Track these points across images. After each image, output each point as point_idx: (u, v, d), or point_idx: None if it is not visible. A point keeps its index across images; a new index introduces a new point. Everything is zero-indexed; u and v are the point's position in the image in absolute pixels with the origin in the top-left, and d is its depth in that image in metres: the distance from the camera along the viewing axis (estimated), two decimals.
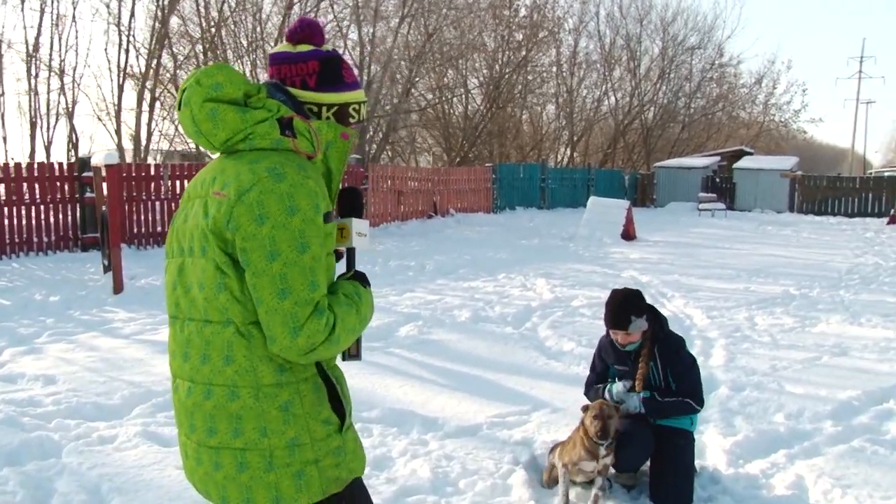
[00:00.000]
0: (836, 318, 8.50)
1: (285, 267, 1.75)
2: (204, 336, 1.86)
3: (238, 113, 1.85)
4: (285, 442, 1.83)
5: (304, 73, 1.96)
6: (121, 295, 8.91)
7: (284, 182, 1.77)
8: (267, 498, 1.85)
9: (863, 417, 5.09)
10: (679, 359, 3.93)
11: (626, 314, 3.81)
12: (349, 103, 2.03)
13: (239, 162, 1.84)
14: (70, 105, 22.95)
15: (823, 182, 26.20)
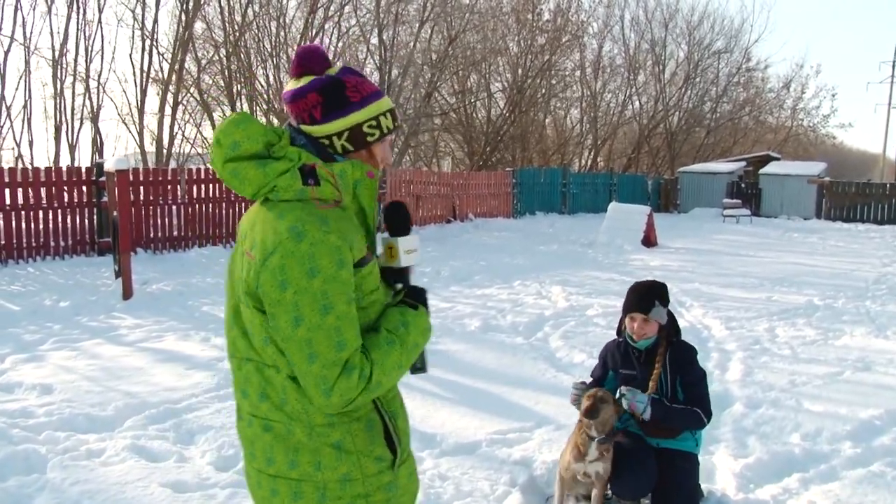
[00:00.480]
0: (861, 331, 8.21)
1: (310, 332, 1.76)
2: (264, 376, 1.90)
3: (259, 168, 1.84)
4: (338, 476, 1.89)
5: (308, 108, 1.91)
6: (130, 301, 8.85)
7: (304, 242, 1.76)
8: None
9: (884, 438, 4.85)
10: (691, 368, 3.75)
11: (651, 297, 3.67)
12: (361, 123, 1.93)
13: (267, 216, 1.85)
14: (95, 109, 23.09)
15: (852, 188, 25.66)
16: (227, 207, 13.88)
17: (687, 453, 3.74)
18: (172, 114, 23.49)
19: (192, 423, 4.81)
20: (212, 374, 5.88)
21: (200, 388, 5.53)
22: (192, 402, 5.20)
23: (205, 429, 4.70)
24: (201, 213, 13.59)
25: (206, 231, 13.62)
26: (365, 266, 1.87)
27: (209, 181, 13.79)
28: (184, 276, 10.64)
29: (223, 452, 4.32)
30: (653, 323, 3.67)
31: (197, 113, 25.94)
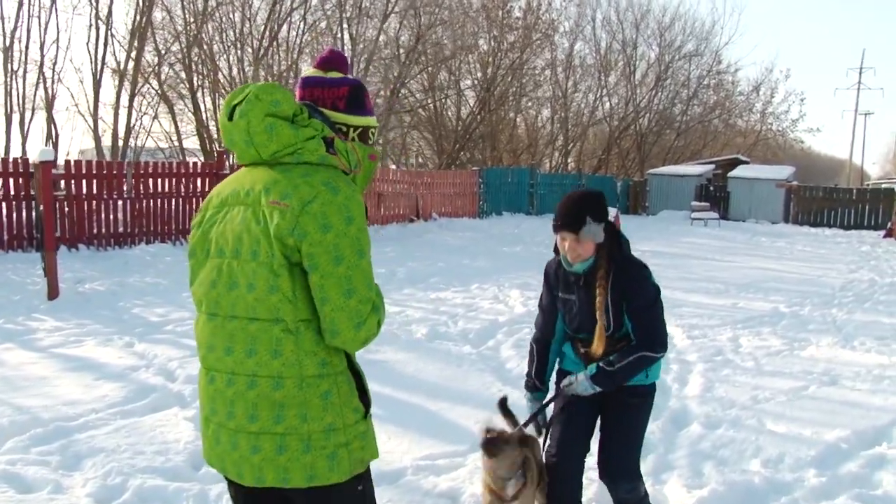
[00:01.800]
0: (828, 341, 7.84)
1: (349, 270, 1.95)
2: (250, 332, 2.01)
3: (292, 129, 2.04)
4: (323, 427, 2.02)
5: (335, 97, 2.17)
6: (56, 301, 8.25)
7: (340, 195, 1.98)
8: (302, 477, 2.03)
9: (851, 465, 4.42)
10: (639, 290, 3.12)
11: (581, 213, 3.05)
12: (369, 127, 2.24)
13: (289, 174, 2.01)
14: (49, 99, 22.21)
15: (819, 193, 25.57)
16: (175, 203, 13.24)
17: (635, 387, 3.21)
18: (129, 105, 22.73)
19: (82, 444, 4.25)
20: (121, 386, 5.32)
21: (104, 403, 4.98)
22: (89, 420, 4.65)
23: (95, 451, 4.15)
24: (148, 208, 12.95)
25: (153, 227, 12.98)
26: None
27: (157, 175, 13.16)
28: (123, 274, 10.03)
29: (109, 481, 3.78)
30: (587, 243, 3.08)
31: (156, 105, 25.16)
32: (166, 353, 6.29)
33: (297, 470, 2.01)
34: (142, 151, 24.87)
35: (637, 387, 3.20)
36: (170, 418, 4.77)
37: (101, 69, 22.31)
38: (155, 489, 3.72)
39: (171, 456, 4.14)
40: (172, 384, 5.49)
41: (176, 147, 26.10)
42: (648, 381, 3.24)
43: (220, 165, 13.79)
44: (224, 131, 2.11)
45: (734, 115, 39.38)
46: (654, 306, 3.13)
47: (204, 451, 2.22)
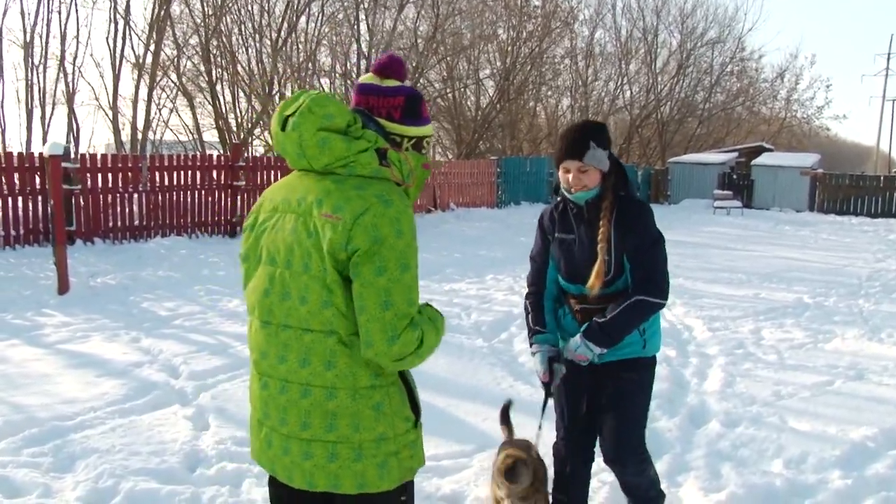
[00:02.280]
0: (853, 333, 7.58)
1: (390, 283, 1.94)
2: (304, 343, 2.03)
3: (345, 143, 2.02)
4: (374, 436, 2.06)
5: (391, 106, 2.14)
6: (66, 296, 8.17)
7: (393, 208, 1.97)
8: (352, 484, 2.07)
9: (878, 466, 4.20)
10: (641, 229, 2.90)
11: (584, 139, 2.85)
12: (424, 137, 2.22)
13: (342, 186, 2.01)
14: (69, 93, 22.24)
15: (846, 180, 25.01)
16: (190, 196, 13.15)
17: (632, 360, 3.00)
18: (148, 99, 22.72)
19: (76, 445, 4.14)
20: (122, 383, 5.21)
21: (104, 401, 4.86)
22: (86, 419, 4.53)
23: (89, 452, 4.03)
24: (164, 201, 12.87)
25: (168, 220, 12.88)
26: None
27: (172, 168, 13.06)
28: (136, 268, 9.94)
29: (100, 483, 3.65)
30: (592, 172, 2.87)
31: (176, 98, 25.15)
32: (172, 348, 6.18)
33: (348, 477, 2.06)
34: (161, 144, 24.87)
35: (633, 360, 2.99)
36: (168, 417, 4.64)
37: (120, 63, 22.33)
38: (147, 492, 3.59)
39: (167, 457, 4.01)
40: (175, 381, 5.37)
41: (196, 140, 26.07)
42: (647, 353, 3.02)
43: (235, 158, 13.68)
44: (276, 140, 2.11)
45: (758, 102, 38.66)
46: (655, 248, 2.91)
47: (253, 451, 2.27)
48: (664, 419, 4.90)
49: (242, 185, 13.42)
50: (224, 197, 13.40)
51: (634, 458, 3.04)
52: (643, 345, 2.98)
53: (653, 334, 3.02)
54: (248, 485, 3.72)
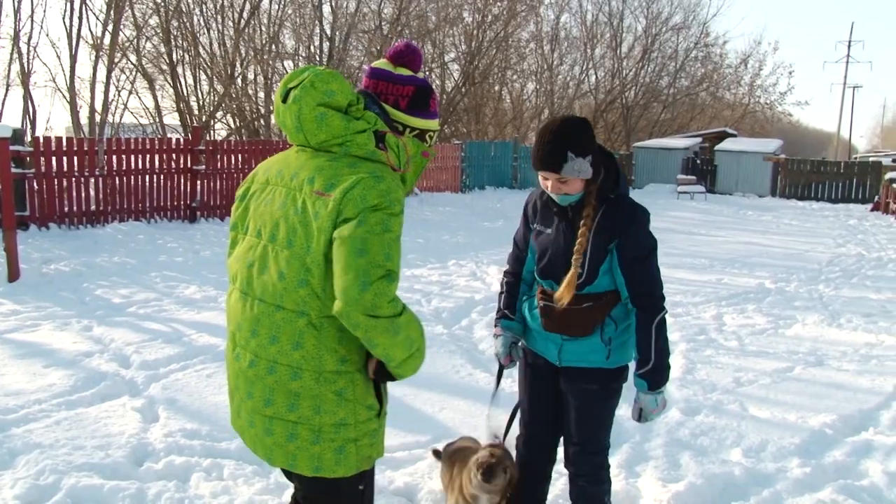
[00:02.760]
0: (814, 318, 7.64)
1: (367, 234, 1.93)
2: (274, 320, 2.04)
3: (343, 121, 2.05)
4: (334, 421, 2.05)
5: (399, 95, 2.15)
6: (16, 283, 7.89)
7: (384, 183, 1.99)
8: (308, 466, 2.08)
9: (836, 453, 4.20)
10: (634, 236, 2.65)
11: (562, 148, 2.54)
12: (428, 130, 2.22)
13: (335, 164, 2.03)
14: (24, 74, 21.60)
15: (807, 166, 25.33)
16: (148, 180, 12.84)
17: (593, 370, 2.79)
18: (107, 80, 22.15)
19: (17, 440, 3.96)
20: (70, 374, 5.02)
21: (50, 393, 4.68)
22: (30, 412, 4.35)
23: (31, 447, 3.87)
24: (121, 185, 12.54)
25: (126, 205, 12.56)
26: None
27: (130, 152, 12.73)
28: (91, 254, 9.67)
29: (41, 480, 3.50)
30: (572, 180, 2.61)
31: (135, 80, 24.57)
32: (124, 337, 5.99)
33: (305, 459, 2.07)
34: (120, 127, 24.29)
35: (594, 370, 2.78)
36: (117, 408, 4.48)
37: (77, 43, 21.72)
38: (90, 489, 3.44)
39: (112, 451, 3.86)
40: (126, 371, 5.20)
41: (157, 123, 25.54)
42: (611, 364, 2.79)
43: (195, 141, 13.39)
44: (277, 112, 2.14)
45: (722, 87, 38.99)
46: (652, 255, 2.70)
47: (231, 418, 2.31)
48: (624, 407, 4.81)
49: (203, 170, 13.14)
50: (184, 181, 13.11)
51: (590, 464, 2.92)
52: (607, 355, 2.77)
53: (621, 344, 2.79)
54: (197, 479, 3.59)
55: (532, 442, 3.08)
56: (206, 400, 4.61)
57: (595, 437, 2.90)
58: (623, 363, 2.85)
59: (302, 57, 24.86)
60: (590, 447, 2.90)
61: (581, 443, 2.90)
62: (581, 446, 2.91)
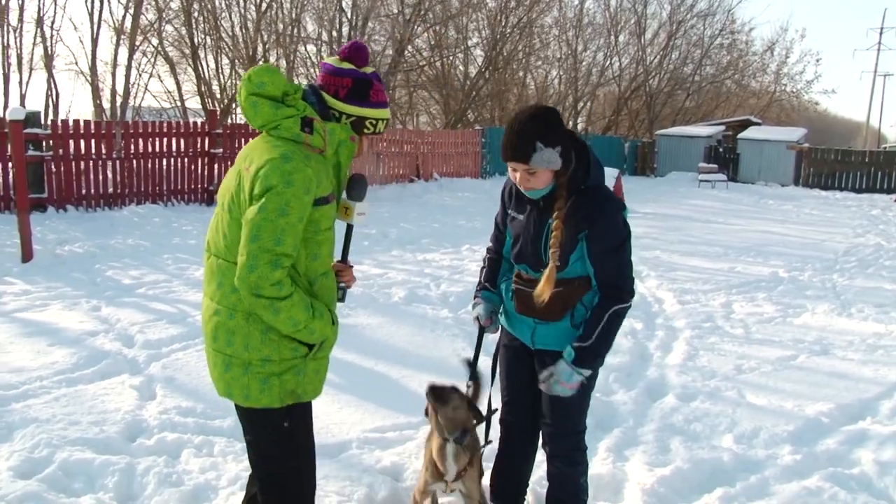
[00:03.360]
0: (824, 308, 7.56)
1: (263, 220, 2.21)
2: (221, 269, 2.39)
3: (272, 108, 2.35)
4: (260, 357, 2.36)
5: (339, 86, 2.42)
6: (29, 264, 8.02)
7: (289, 164, 2.24)
8: (240, 395, 2.40)
9: (830, 441, 4.17)
10: (604, 226, 2.63)
11: (530, 140, 2.53)
12: (366, 118, 2.45)
13: (265, 145, 2.34)
14: (47, 57, 21.83)
15: (832, 155, 24.97)
16: (165, 163, 12.95)
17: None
18: (128, 64, 22.35)
19: (16, 415, 4.05)
20: (73, 352, 5.11)
21: (52, 370, 4.76)
22: (31, 388, 4.44)
23: (28, 422, 3.95)
24: (138, 168, 12.67)
25: (143, 188, 12.69)
26: (325, 206, 2.36)
27: (147, 135, 12.85)
28: (106, 236, 9.80)
29: (35, 454, 3.58)
30: (541, 172, 2.60)
31: (155, 63, 24.76)
32: (130, 317, 6.08)
33: (237, 388, 2.38)
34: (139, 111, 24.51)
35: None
36: (115, 386, 4.56)
37: (99, 26, 21.96)
38: (82, 462, 3.51)
39: (107, 427, 3.93)
40: (129, 350, 5.28)
41: (178, 106, 25.74)
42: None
43: (212, 125, 13.48)
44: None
45: (747, 75, 38.47)
46: (621, 249, 2.67)
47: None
48: (621, 392, 4.85)
49: (220, 153, 13.23)
50: (201, 164, 13.21)
51: (565, 445, 2.93)
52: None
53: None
54: (187, 455, 3.65)
55: (511, 421, 3.09)
56: (203, 379, 4.66)
57: (569, 419, 2.91)
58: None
59: (323, 41, 24.91)
60: (564, 429, 2.91)
61: (555, 424, 2.91)
62: (555, 427, 2.92)
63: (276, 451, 2.49)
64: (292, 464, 2.51)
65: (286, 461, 2.50)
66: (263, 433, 2.47)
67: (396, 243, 10.40)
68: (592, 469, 3.66)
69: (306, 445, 2.55)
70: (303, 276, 2.39)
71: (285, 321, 2.28)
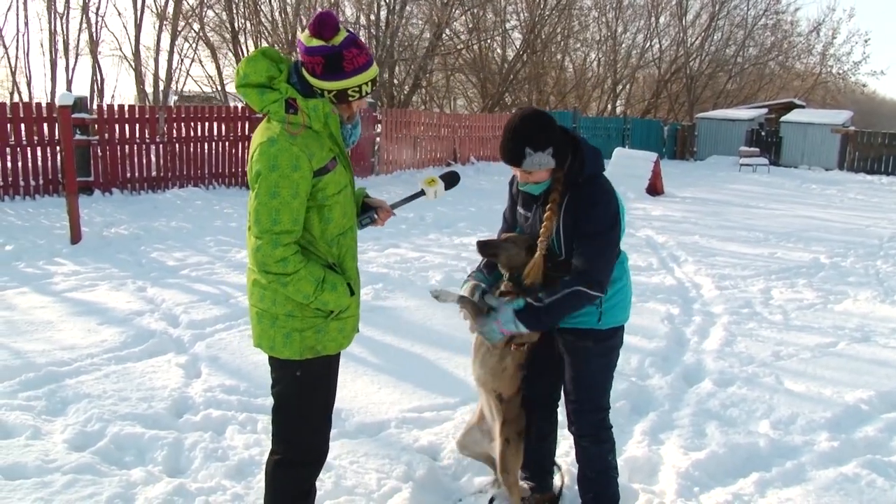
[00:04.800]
0: (866, 295, 7.46)
1: (259, 205, 2.45)
2: (250, 237, 2.53)
3: (259, 95, 2.52)
4: (285, 312, 2.57)
5: (313, 64, 2.51)
6: (78, 245, 8.25)
7: (274, 147, 2.44)
8: (268, 345, 2.64)
9: (868, 428, 4.16)
10: (590, 214, 2.79)
11: (520, 145, 2.75)
12: (346, 88, 2.55)
13: (261, 129, 2.55)
14: (93, 43, 22.22)
15: (878, 139, 24.38)
16: (207, 147, 13.16)
17: (585, 331, 2.92)
18: (171, 49, 22.70)
19: (69, 390, 4.21)
20: (121, 331, 5.28)
21: (102, 348, 4.93)
22: (82, 365, 4.61)
23: (80, 397, 4.11)
24: (181, 152, 12.90)
25: (185, 171, 12.92)
26: (326, 174, 2.53)
27: (190, 119, 13.06)
28: (150, 218, 10.03)
29: (88, 427, 3.73)
30: (536, 172, 2.80)
31: (197, 48, 25.09)
32: (175, 297, 6.24)
33: (266, 339, 2.62)
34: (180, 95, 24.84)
35: (585, 330, 2.90)
36: (162, 364, 4.71)
37: (142, 12, 22.30)
38: (132, 436, 3.66)
39: (155, 403, 4.07)
40: (174, 329, 5.43)
41: (219, 91, 26.05)
42: (603, 326, 2.91)
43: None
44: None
45: (792, 57, 37.66)
46: (602, 237, 2.79)
47: None
48: (657, 377, 4.87)
49: None
50: (241, 148, 13.39)
51: (589, 423, 3.01)
52: (598, 318, 2.90)
53: (612, 307, 2.91)
54: (231, 431, 3.77)
55: (532, 398, 3.16)
56: (246, 358, 4.79)
57: (592, 396, 2.99)
58: (615, 324, 2.96)
59: (361, 25, 24.99)
60: (587, 405, 2.99)
61: (578, 400, 2.99)
62: (578, 404, 2.99)
63: (284, 402, 2.69)
64: (298, 416, 2.69)
65: (292, 411, 2.68)
66: (280, 381, 2.68)
67: (433, 227, 10.48)
68: (627, 452, 3.73)
69: (318, 401, 2.72)
70: (319, 239, 2.58)
71: (295, 293, 2.50)
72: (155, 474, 3.37)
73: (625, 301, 2.97)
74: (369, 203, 2.90)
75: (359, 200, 2.87)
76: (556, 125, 2.81)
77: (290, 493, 2.73)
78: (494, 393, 3.04)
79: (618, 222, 2.82)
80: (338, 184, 2.57)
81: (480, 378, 3.07)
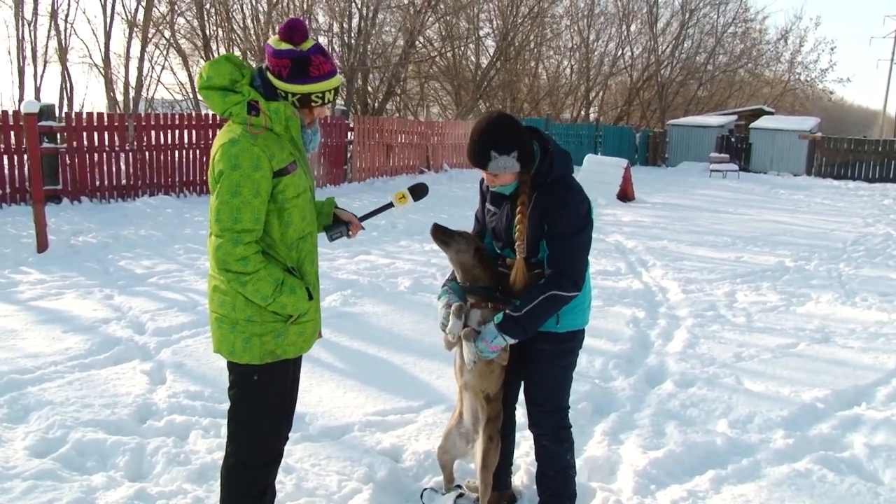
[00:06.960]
0: (828, 297, 7.61)
1: (220, 204, 2.49)
2: (211, 241, 2.57)
3: (221, 98, 2.56)
4: (245, 317, 2.60)
5: (280, 67, 2.58)
6: (44, 254, 8.19)
7: (236, 147, 2.48)
8: (227, 350, 2.66)
9: (823, 426, 4.25)
10: (561, 214, 2.83)
11: (486, 148, 2.80)
12: (311, 93, 2.63)
13: (223, 132, 2.58)
14: (62, 50, 22.02)
15: (845, 144, 24.82)
16: (178, 154, 13.10)
17: (544, 333, 2.94)
18: (141, 56, 22.53)
19: (31, 397, 4.19)
20: (87, 339, 5.26)
21: (66, 356, 4.91)
22: (46, 373, 4.59)
23: (43, 404, 4.09)
24: (151, 160, 12.82)
25: (155, 179, 12.85)
26: (285, 176, 2.57)
27: (160, 127, 13.00)
28: (119, 227, 9.97)
29: (50, 434, 3.72)
30: (503, 174, 2.84)
31: (168, 55, 24.95)
32: (142, 305, 6.22)
33: (225, 344, 2.64)
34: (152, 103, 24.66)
35: (543, 333, 2.93)
36: (126, 371, 4.70)
37: (112, 19, 22.13)
38: (94, 442, 3.65)
39: (118, 409, 4.07)
40: (140, 337, 5.42)
41: (190, 99, 25.92)
42: (560, 329, 2.95)
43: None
44: None
45: (761, 64, 38.25)
46: (575, 237, 2.83)
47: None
48: (620, 379, 4.94)
49: None
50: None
51: (549, 422, 3.06)
52: (556, 321, 2.93)
53: (570, 310, 2.93)
54: (195, 436, 3.78)
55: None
56: (212, 364, 4.79)
57: (551, 396, 3.05)
58: (573, 328, 3.00)
59: (334, 33, 25.01)
60: (547, 406, 3.04)
61: (538, 402, 3.04)
62: (539, 406, 3.05)
63: (241, 405, 2.70)
64: (253, 418, 2.70)
65: (247, 414, 2.70)
66: (237, 384, 2.70)
67: (404, 234, 10.51)
68: (587, 452, 3.80)
69: (274, 403, 2.74)
70: (279, 243, 2.61)
71: (253, 293, 2.53)
72: (116, 479, 3.38)
73: (583, 305, 3.01)
74: (339, 216, 2.94)
75: (329, 210, 2.93)
76: (523, 129, 2.87)
77: (245, 494, 2.74)
78: (483, 394, 3.06)
79: (589, 221, 2.87)
80: (297, 186, 2.61)
81: (469, 383, 3.06)
